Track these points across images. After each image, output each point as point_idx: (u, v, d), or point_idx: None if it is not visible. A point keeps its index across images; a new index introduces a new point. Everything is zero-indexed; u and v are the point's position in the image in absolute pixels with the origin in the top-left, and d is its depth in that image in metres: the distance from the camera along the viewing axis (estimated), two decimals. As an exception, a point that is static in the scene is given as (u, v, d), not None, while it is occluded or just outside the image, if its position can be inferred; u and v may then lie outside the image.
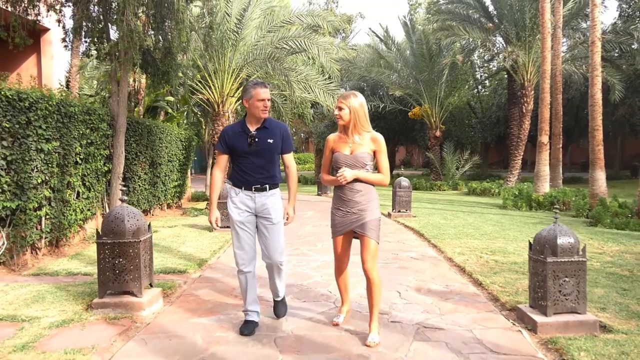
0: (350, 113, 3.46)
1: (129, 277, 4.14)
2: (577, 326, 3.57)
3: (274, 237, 3.71)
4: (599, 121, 11.70)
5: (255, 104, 3.63)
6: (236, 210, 3.69)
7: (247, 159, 3.68)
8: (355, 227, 3.48)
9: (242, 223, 3.68)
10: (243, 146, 3.67)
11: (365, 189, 3.50)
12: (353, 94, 3.53)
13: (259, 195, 3.68)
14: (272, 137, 3.70)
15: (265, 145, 3.67)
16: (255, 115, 3.68)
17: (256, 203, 3.68)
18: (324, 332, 3.62)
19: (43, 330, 3.62)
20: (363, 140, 3.50)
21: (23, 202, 5.91)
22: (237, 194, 3.71)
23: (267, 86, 3.76)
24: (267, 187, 3.70)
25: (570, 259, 3.67)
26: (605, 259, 6.10)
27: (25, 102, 5.85)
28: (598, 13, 11.57)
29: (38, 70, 14.95)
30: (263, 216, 3.70)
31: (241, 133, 3.70)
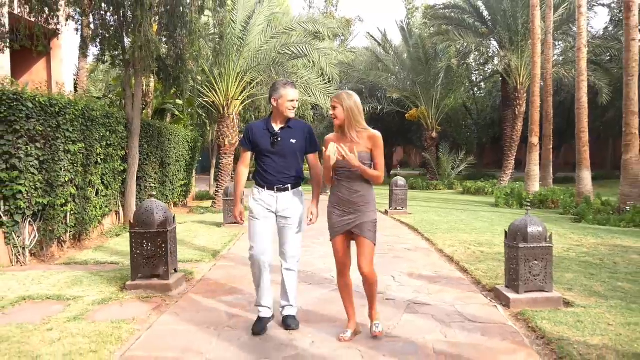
0: (344, 111, 3.44)
1: (158, 262, 4.75)
2: (544, 302, 4.19)
3: (294, 235, 3.73)
4: (585, 124, 12.34)
5: (284, 104, 3.66)
6: (257, 205, 3.72)
7: (270, 158, 3.69)
8: (353, 227, 3.45)
9: (261, 221, 3.70)
10: (266, 145, 3.68)
11: (364, 190, 3.48)
12: (346, 92, 3.53)
13: (281, 195, 3.69)
14: (296, 137, 3.72)
15: (288, 145, 3.69)
16: (282, 115, 3.71)
17: (278, 204, 3.69)
18: (328, 308, 4.23)
19: (87, 306, 4.23)
20: (361, 139, 3.47)
21: (52, 199, 6.52)
22: (260, 193, 3.73)
23: (296, 87, 3.81)
24: (289, 187, 3.71)
25: (539, 245, 4.29)
26: (581, 250, 6.73)
27: (56, 107, 6.46)
28: (584, 21, 12.21)
29: (48, 73, 15.50)
30: (283, 216, 3.72)
31: (265, 131, 3.72)
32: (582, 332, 3.52)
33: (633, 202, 10.00)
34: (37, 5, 8.30)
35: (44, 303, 4.34)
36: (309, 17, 13.96)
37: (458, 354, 3.24)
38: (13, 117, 5.87)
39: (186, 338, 3.56)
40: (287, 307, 3.82)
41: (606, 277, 5.15)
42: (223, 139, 13.06)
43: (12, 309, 4.18)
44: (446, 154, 21.22)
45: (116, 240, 7.78)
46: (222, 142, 13.15)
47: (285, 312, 3.81)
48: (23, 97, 5.95)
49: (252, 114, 18.37)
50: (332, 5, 28.26)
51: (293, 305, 3.83)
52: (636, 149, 10.12)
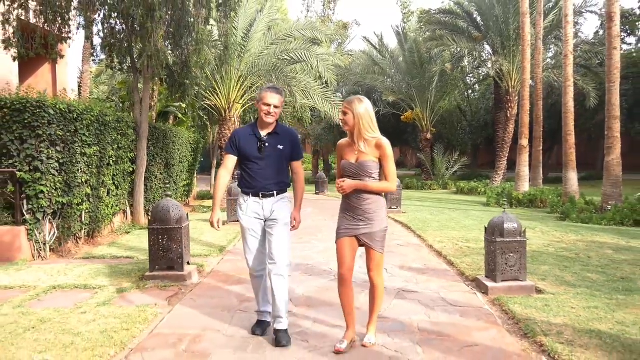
0: (354, 118, 3.34)
1: (173, 256, 5.28)
2: (518, 289, 4.73)
3: (279, 237, 3.64)
4: (571, 127, 12.92)
5: (260, 107, 3.63)
6: (245, 218, 3.68)
7: (256, 164, 3.64)
8: (361, 235, 3.40)
9: (251, 230, 3.69)
10: (253, 150, 3.64)
11: (373, 197, 3.40)
12: (358, 98, 3.40)
13: (267, 201, 3.66)
14: (283, 143, 3.69)
15: (275, 151, 3.66)
16: (260, 119, 3.67)
17: (264, 210, 3.66)
18: (327, 294, 4.76)
19: (112, 294, 4.75)
20: (368, 148, 3.38)
21: (70, 198, 7.03)
22: (245, 202, 3.69)
23: (279, 92, 3.69)
24: (274, 193, 3.68)
25: (514, 239, 4.83)
26: (560, 245, 7.28)
27: (74, 113, 6.97)
28: (570, 29, 12.80)
29: (53, 77, 15.98)
30: (270, 218, 3.68)
31: (252, 137, 3.67)
32: (548, 313, 4.06)
33: (614, 201, 10.57)
34: (51, 15, 8.81)
35: (73, 291, 4.86)
36: (308, 24, 14.48)
37: (438, 331, 3.78)
38: (36, 122, 6.39)
39: (204, 319, 4.09)
40: (277, 320, 3.64)
41: (578, 269, 5.70)
42: (225, 141, 13.59)
43: (45, 296, 4.70)
44: (440, 155, 21.79)
45: (127, 237, 8.28)
46: (224, 144, 13.68)
47: (276, 325, 3.65)
48: (45, 104, 6.47)
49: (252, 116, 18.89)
50: (329, 9, 28.84)
51: (283, 317, 3.63)
52: (617, 152, 10.69)
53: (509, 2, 18.40)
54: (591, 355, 3.21)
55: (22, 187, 6.46)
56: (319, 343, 3.58)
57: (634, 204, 10.32)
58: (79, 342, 3.48)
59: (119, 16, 8.69)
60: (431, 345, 3.50)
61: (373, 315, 3.56)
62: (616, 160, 10.67)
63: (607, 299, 4.46)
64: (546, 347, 3.38)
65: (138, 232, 8.74)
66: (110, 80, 17.07)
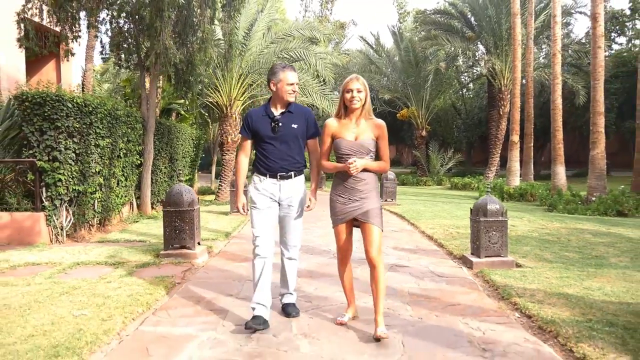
0: (366, 96, 3.39)
1: (186, 236, 5.76)
2: (500, 264, 5.23)
3: (296, 224, 3.68)
4: (559, 123, 13.46)
5: (283, 88, 3.55)
6: (259, 196, 3.60)
7: (271, 144, 3.58)
8: (358, 214, 3.37)
9: (264, 211, 3.59)
10: (266, 131, 3.57)
11: (369, 178, 3.39)
12: (363, 79, 3.42)
13: (284, 183, 3.60)
14: (297, 122, 3.61)
15: (290, 130, 3.58)
16: (282, 99, 3.59)
17: (281, 192, 3.60)
18: (327, 268, 5.26)
19: (132, 268, 5.23)
20: (368, 126, 3.41)
21: (85, 187, 7.49)
22: (261, 181, 3.62)
23: (295, 70, 3.69)
24: (292, 175, 3.62)
25: (497, 219, 5.33)
26: (544, 231, 7.79)
27: (89, 107, 7.44)
28: (558, 29, 13.32)
29: (57, 74, 16.45)
30: (288, 204, 3.64)
31: (265, 117, 3.61)
32: (524, 282, 4.57)
33: (599, 193, 11.11)
34: (63, 15, 9.27)
35: (96, 267, 5.33)
36: (306, 24, 15.01)
37: (426, 295, 4.28)
38: (55, 115, 6.85)
39: (217, 286, 4.58)
40: (286, 295, 3.81)
41: (557, 249, 6.21)
42: (226, 137, 14.07)
43: (71, 270, 5.17)
44: (435, 152, 22.33)
45: (136, 225, 8.76)
46: (225, 140, 14.16)
47: (285, 299, 3.81)
48: (64, 98, 6.93)
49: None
50: (327, 9, 29.36)
51: (293, 293, 3.82)
52: (602, 146, 11.23)
53: (501, 3, 18.95)
54: (557, 310, 3.70)
55: (41, 175, 6.92)
56: (320, 303, 4.07)
57: (617, 196, 10.85)
58: (109, 302, 3.96)
59: (128, 16, 9.15)
60: (419, 305, 4.00)
61: (379, 303, 3.34)
62: (600, 154, 11.20)
63: (578, 272, 4.97)
64: (519, 305, 3.88)
65: (146, 221, 9.21)
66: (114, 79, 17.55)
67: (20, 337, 3.21)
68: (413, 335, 3.34)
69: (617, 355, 2.88)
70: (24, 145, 7.06)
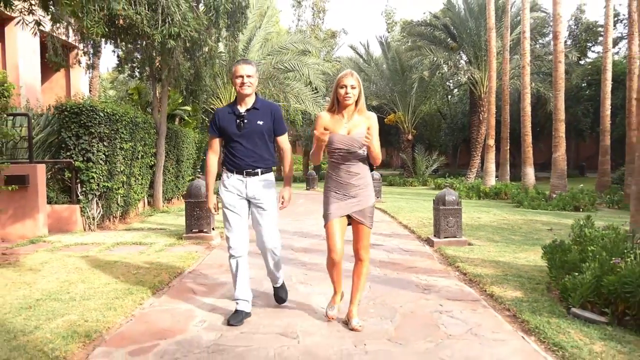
0: (360, 92, 3.40)
1: (203, 222, 7.09)
2: (455, 243, 6.59)
3: (267, 224, 3.63)
4: (529, 129, 14.91)
5: (233, 81, 3.59)
6: (227, 194, 3.62)
7: (237, 142, 3.58)
8: (353, 212, 3.39)
9: (233, 206, 3.61)
10: (232, 128, 3.58)
11: (363, 172, 3.40)
12: (355, 73, 3.44)
13: (251, 180, 3.60)
14: (263, 118, 3.60)
15: (255, 127, 3.58)
16: (238, 93, 3.60)
17: (247, 189, 3.60)
18: (318, 246, 6.59)
19: (162, 247, 6.54)
20: (360, 121, 3.41)
21: (112, 184, 8.78)
22: (228, 178, 3.63)
23: (249, 63, 3.64)
24: (259, 172, 3.61)
25: (453, 207, 6.71)
26: (503, 222, 9.18)
27: (116, 115, 8.73)
28: (527, 44, 14.77)
29: (67, 82, 17.71)
30: (255, 204, 3.63)
31: (231, 114, 3.61)
32: (469, 255, 5.93)
33: (560, 191, 12.54)
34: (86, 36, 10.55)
35: (132, 246, 6.64)
36: (300, 38, 16.37)
37: (393, 262, 5.64)
38: (89, 122, 8.14)
39: (233, 258, 5.90)
40: (274, 280, 4.00)
41: (507, 234, 7.61)
42: (226, 140, 15.36)
43: (113, 248, 6.48)
44: (421, 154, 23.76)
45: (153, 217, 10.05)
46: (225, 143, 15.45)
47: (273, 284, 4.04)
48: (97, 109, 8.23)
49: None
50: (319, 18, 30.80)
51: (279, 277, 3.96)
52: (563, 149, 12.66)
53: (480, 17, 20.43)
54: (486, 270, 5.07)
55: (77, 173, 8.21)
56: (312, 266, 5.42)
57: (575, 193, 12.30)
58: (153, 267, 5.27)
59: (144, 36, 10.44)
60: (386, 267, 5.36)
61: (356, 294, 3.47)
62: (561, 156, 12.64)
63: (515, 248, 6.35)
64: (459, 267, 5.25)
65: (160, 215, 10.51)
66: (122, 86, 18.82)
67: (100, 285, 4.53)
68: (378, 282, 4.70)
69: (514, 291, 4.25)
70: (60, 148, 8.35)
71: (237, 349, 3.10)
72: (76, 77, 17.88)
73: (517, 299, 4.01)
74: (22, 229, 7.28)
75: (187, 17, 7.92)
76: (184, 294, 4.38)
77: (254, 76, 3.61)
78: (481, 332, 3.36)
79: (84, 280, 4.70)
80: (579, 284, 3.67)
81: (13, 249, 6.41)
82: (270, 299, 4.11)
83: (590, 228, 4.49)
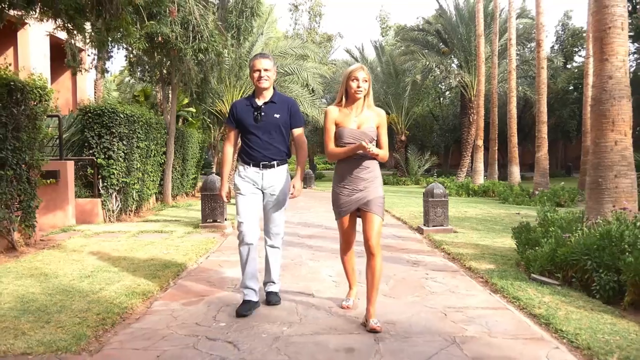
0: (369, 86, 3.39)
1: (217, 213, 7.91)
2: (442, 231, 7.44)
3: (277, 212, 3.75)
4: (514, 130, 15.83)
5: (251, 75, 3.67)
6: (243, 183, 3.69)
7: (254, 134, 3.65)
8: (361, 204, 3.38)
9: (247, 195, 3.68)
10: (249, 120, 3.65)
11: (372, 166, 3.40)
12: (365, 67, 3.43)
13: (267, 172, 3.66)
14: (280, 112, 3.68)
15: (272, 120, 3.65)
16: (257, 87, 3.69)
17: (264, 180, 3.66)
18: (323, 234, 7.42)
19: (183, 234, 7.34)
20: (370, 115, 3.41)
21: (129, 179, 9.57)
22: (245, 170, 3.70)
23: (267, 57, 3.71)
24: (275, 164, 3.68)
25: (440, 199, 7.56)
26: (487, 215, 10.05)
27: (134, 117, 9.53)
28: (513, 51, 15.70)
29: (72, 83, 18.43)
30: (269, 192, 3.71)
31: (248, 107, 3.69)
32: (454, 240, 6.78)
33: (542, 188, 13.45)
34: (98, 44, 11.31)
35: (155, 234, 7.44)
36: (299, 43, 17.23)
37: (386, 245, 6.47)
38: (111, 123, 8.93)
39: (247, 242, 6.73)
40: (270, 284, 3.87)
41: (489, 224, 8.47)
42: (228, 140, 16.19)
43: (139, 235, 7.27)
44: (414, 155, 24.68)
45: (164, 211, 10.84)
46: (227, 142, 16.28)
47: (268, 288, 3.87)
48: (117, 111, 9.02)
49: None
50: (315, 22, 31.70)
51: (276, 282, 3.88)
52: (545, 149, 13.57)
53: (470, 23, 21.37)
54: (467, 250, 5.92)
55: (99, 170, 8.99)
56: (319, 249, 6.25)
57: (556, 190, 13.20)
58: (181, 248, 6.09)
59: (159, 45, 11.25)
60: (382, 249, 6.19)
61: (373, 293, 3.35)
62: (544, 155, 13.56)
63: (495, 235, 7.21)
64: (444, 249, 6.10)
65: (170, 209, 11.30)
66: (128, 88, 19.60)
67: (140, 261, 5.34)
68: (375, 260, 5.54)
69: (488, 265, 5.10)
70: (83, 146, 9.12)
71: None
72: (82, 79, 18.60)
73: (489, 269, 4.86)
74: (53, 219, 8.07)
75: (214, 34, 8.78)
76: (213, 267, 5.21)
77: (272, 70, 3.70)
78: (457, 290, 4.21)
79: (124, 258, 5.51)
80: (539, 256, 4.54)
81: (49, 236, 7.20)
82: (287, 269, 4.92)
83: (552, 213, 5.35)
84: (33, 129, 6.34)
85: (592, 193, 5.14)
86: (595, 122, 5.17)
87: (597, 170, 5.08)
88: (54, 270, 4.90)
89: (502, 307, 3.77)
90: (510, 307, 3.76)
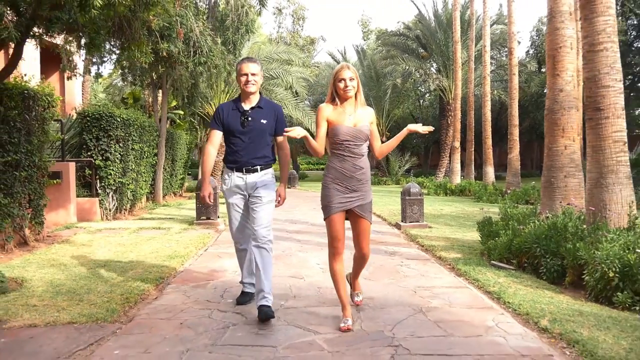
0: (358, 85, 3.40)
1: (210, 210, 8.51)
2: (418, 226, 8.16)
3: (262, 213, 3.63)
4: (489, 132, 16.68)
5: (238, 78, 3.67)
6: (228, 193, 3.74)
7: (239, 139, 3.65)
8: (355, 207, 3.39)
9: (235, 205, 3.74)
10: (236, 125, 3.65)
11: (366, 167, 3.44)
12: (351, 65, 3.44)
13: (250, 176, 3.67)
14: (266, 117, 3.69)
15: (259, 126, 3.66)
16: (243, 91, 3.69)
17: (247, 185, 3.65)
18: (308, 229, 8.08)
19: (179, 230, 7.93)
20: (363, 114, 3.43)
21: (125, 180, 10.10)
22: (229, 177, 3.72)
23: (254, 61, 3.71)
24: (258, 169, 3.69)
25: (416, 197, 8.28)
26: (461, 212, 10.83)
27: (130, 120, 10.06)
28: (488, 57, 16.57)
29: (60, 85, 18.74)
30: (253, 195, 3.67)
31: (235, 111, 3.69)
32: (428, 234, 7.50)
33: (514, 187, 14.28)
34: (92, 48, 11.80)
35: (153, 230, 8.01)
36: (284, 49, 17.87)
37: (368, 239, 7.16)
38: (109, 127, 9.46)
39: (241, 237, 7.35)
40: (261, 296, 3.55)
41: (461, 220, 9.23)
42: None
43: (139, 232, 7.84)
44: (394, 155, 25.48)
45: (157, 210, 11.38)
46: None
47: (260, 301, 3.54)
48: (115, 114, 9.55)
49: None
50: (298, 25, 32.34)
51: (268, 294, 3.56)
52: (516, 151, 14.43)
53: (448, 29, 22.26)
54: (439, 243, 6.63)
55: (96, 171, 9.51)
56: (306, 242, 6.91)
57: (527, 189, 14.06)
58: (181, 242, 6.69)
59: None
60: (363, 242, 6.89)
61: (357, 275, 3.84)
62: (515, 157, 14.41)
63: (466, 230, 7.95)
64: (419, 242, 6.81)
65: (162, 208, 11.84)
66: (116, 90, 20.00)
67: (146, 253, 5.93)
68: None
69: (455, 254, 5.82)
70: (81, 148, 9.63)
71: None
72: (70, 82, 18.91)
73: (456, 258, 5.58)
74: (56, 217, 8.58)
75: (212, 49, 9.48)
76: (213, 258, 5.83)
77: (259, 74, 3.70)
78: (427, 274, 4.92)
79: (131, 250, 6.10)
80: (498, 245, 5.27)
81: (54, 232, 7.73)
82: (279, 259, 5.57)
83: (512, 209, 6.10)
84: (42, 133, 6.89)
85: (545, 191, 5.90)
86: (548, 129, 5.93)
87: (549, 171, 5.84)
88: (70, 261, 5.47)
89: (463, 286, 4.49)
90: (470, 287, 4.47)
